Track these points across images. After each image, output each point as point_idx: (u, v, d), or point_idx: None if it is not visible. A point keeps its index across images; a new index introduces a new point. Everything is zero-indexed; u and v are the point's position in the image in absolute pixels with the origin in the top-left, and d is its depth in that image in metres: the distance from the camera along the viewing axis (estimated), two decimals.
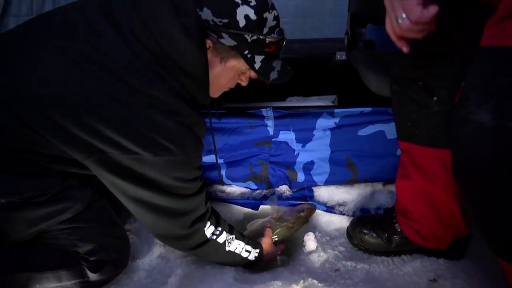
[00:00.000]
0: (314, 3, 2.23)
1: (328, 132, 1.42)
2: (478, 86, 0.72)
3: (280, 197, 1.45)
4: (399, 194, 1.18)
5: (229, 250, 1.10)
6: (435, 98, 1.01)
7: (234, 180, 1.49)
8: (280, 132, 1.41)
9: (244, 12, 0.93)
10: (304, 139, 1.43)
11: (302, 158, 1.45)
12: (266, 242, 1.22)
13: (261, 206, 1.41)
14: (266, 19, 0.95)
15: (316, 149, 1.44)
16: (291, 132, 1.41)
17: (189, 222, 1.01)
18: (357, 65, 1.56)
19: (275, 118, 1.40)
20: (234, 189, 1.51)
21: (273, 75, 1.03)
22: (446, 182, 1.04)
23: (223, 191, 1.51)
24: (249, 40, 0.95)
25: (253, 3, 0.93)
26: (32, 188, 0.96)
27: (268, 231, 1.26)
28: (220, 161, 1.46)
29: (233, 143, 1.42)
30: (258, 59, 0.99)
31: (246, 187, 1.50)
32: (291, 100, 1.91)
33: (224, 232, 1.09)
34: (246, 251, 1.14)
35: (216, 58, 0.99)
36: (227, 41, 0.95)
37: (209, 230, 1.06)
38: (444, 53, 0.98)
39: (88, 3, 0.97)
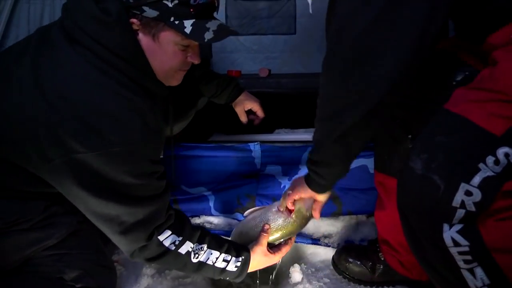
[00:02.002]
0: (303, 39, 2.35)
1: None
2: (422, 140, 0.84)
3: None
4: (378, 226, 1.23)
5: (198, 261, 1.04)
6: (410, 136, 1.09)
7: (222, 211, 1.53)
8: (267, 165, 1.47)
9: None
10: (290, 173, 1.48)
11: None
12: (258, 251, 1.13)
13: None
14: None
15: None
16: (278, 165, 1.46)
17: (148, 232, 0.97)
18: None
19: (263, 152, 1.46)
20: (222, 220, 1.53)
21: (208, 36, 0.97)
22: None
23: (211, 222, 1.53)
24: (171, 6, 0.92)
25: None
26: (14, 212, 0.98)
27: (263, 238, 1.14)
28: (208, 192, 1.50)
29: (221, 176, 1.47)
30: (188, 23, 0.95)
31: (233, 219, 1.53)
32: (279, 132, 1.98)
33: (188, 242, 1.03)
34: (224, 261, 1.07)
35: (148, 36, 0.96)
36: (149, 13, 0.92)
37: (168, 239, 1.00)
38: (423, 99, 1.07)
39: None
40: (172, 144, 1.40)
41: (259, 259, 1.13)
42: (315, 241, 1.44)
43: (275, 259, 1.17)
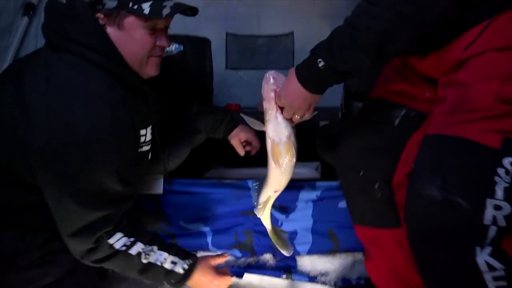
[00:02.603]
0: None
1: (310, 204, 1.49)
2: (428, 166, 0.85)
3: (264, 266, 1.49)
4: (370, 274, 1.23)
5: (148, 262, 1.05)
6: (377, 185, 1.11)
7: (220, 247, 1.53)
8: None
9: None
10: (287, 210, 1.50)
11: (286, 227, 1.50)
12: (204, 265, 1.16)
13: (245, 274, 1.44)
14: None
15: (299, 219, 1.50)
16: (276, 202, 1.48)
17: (96, 236, 0.99)
18: None
19: None
20: None
21: (166, 11, 1.02)
22: (407, 259, 1.08)
23: None
24: None
25: None
26: (13, 244, 1.02)
27: (212, 260, 1.19)
28: (207, 228, 1.51)
29: (219, 212, 1.49)
30: (146, 5, 1.00)
31: (231, 255, 1.54)
32: None
33: (139, 243, 1.05)
34: (172, 262, 1.09)
35: (114, 26, 1.03)
36: (110, 4, 1.00)
37: (118, 242, 1.02)
38: (378, 145, 1.11)
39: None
40: (167, 180, 1.43)
41: (204, 273, 1.15)
42: (312, 279, 1.44)
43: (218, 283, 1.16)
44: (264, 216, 1.24)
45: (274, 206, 1.39)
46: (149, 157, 1.22)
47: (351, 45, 0.84)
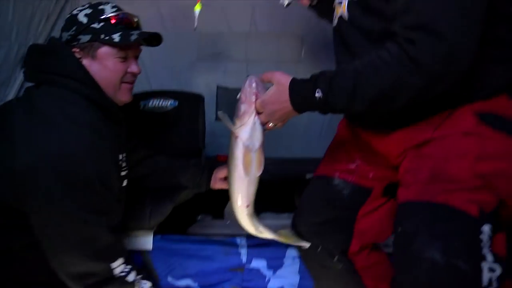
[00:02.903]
0: (286, 125, 2.49)
1: (297, 260, 1.53)
2: (426, 231, 0.90)
3: None
4: None
5: None
6: (336, 258, 1.19)
7: None
8: (253, 259, 1.52)
9: (83, 14, 1.19)
10: (275, 266, 1.53)
11: (273, 284, 1.53)
12: None
13: None
14: (103, 9, 1.20)
15: (287, 276, 1.53)
16: (263, 259, 1.51)
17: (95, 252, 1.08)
18: None
19: (248, 246, 1.52)
20: None
21: (133, 37, 1.19)
22: None
23: None
24: (98, 27, 1.17)
25: (86, 7, 1.22)
26: None
27: None
28: (195, 284, 1.52)
29: (207, 268, 1.51)
30: (116, 35, 1.17)
31: None
32: (263, 216, 2.04)
33: (134, 271, 1.16)
34: None
35: (89, 58, 1.18)
36: (84, 38, 1.17)
37: (119, 268, 1.12)
38: (332, 220, 1.19)
39: None
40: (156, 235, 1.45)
41: None
42: None
43: None
44: (263, 232, 1.23)
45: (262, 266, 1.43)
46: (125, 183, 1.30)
47: (353, 92, 0.91)
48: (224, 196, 1.36)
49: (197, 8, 1.60)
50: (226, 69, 2.46)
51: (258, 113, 1.07)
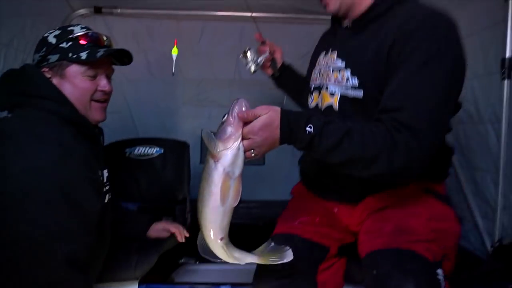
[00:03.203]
0: (271, 169, 2.54)
1: None
2: (398, 270, 1.04)
3: None
4: None
5: None
6: None
7: None
8: None
9: (52, 35, 1.21)
10: None
11: None
12: None
13: None
14: (72, 29, 1.22)
15: None
16: None
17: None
18: None
19: None
20: None
21: (99, 54, 1.18)
22: None
23: None
24: (66, 46, 1.19)
25: (56, 29, 1.23)
26: None
27: None
28: None
29: None
30: (83, 53, 1.18)
31: None
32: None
33: None
34: None
35: (58, 77, 1.18)
36: (53, 58, 1.18)
37: None
38: (292, 276, 1.23)
39: None
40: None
41: None
42: None
43: None
44: (241, 259, 1.09)
45: None
46: (107, 201, 1.28)
47: (339, 142, 0.98)
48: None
49: (174, 52, 1.72)
50: (211, 114, 2.54)
51: (243, 139, 0.99)
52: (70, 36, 1.20)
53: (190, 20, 2.47)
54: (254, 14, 2.17)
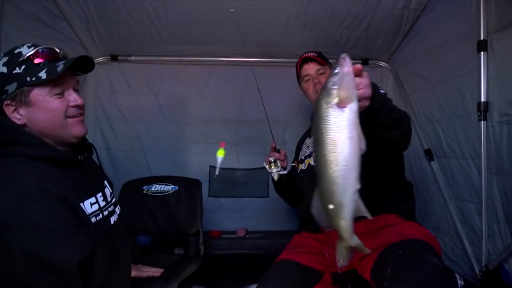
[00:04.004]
0: (274, 201, 2.69)
1: None
2: (424, 250, 1.27)
3: None
4: None
5: None
6: None
7: None
8: None
9: (0, 64, 1.10)
10: None
11: None
12: None
13: None
14: (20, 51, 1.10)
15: None
16: None
17: None
18: None
19: None
20: None
21: (59, 68, 1.08)
22: None
23: None
24: (21, 71, 1.08)
25: (2, 56, 1.11)
26: None
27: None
28: None
29: None
30: (42, 73, 1.08)
31: None
32: None
33: None
34: None
35: (23, 106, 1.08)
36: (11, 88, 1.07)
37: None
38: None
39: None
40: None
41: None
42: None
43: None
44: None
45: None
46: (114, 222, 1.23)
47: (393, 107, 1.25)
48: (218, 268, 1.48)
49: (220, 154, 1.73)
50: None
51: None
52: (21, 58, 1.08)
53: (197, 65, 2.70)
54: (252, 59, 2.41)
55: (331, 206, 0.98)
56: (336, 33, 2.41)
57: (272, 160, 1.74)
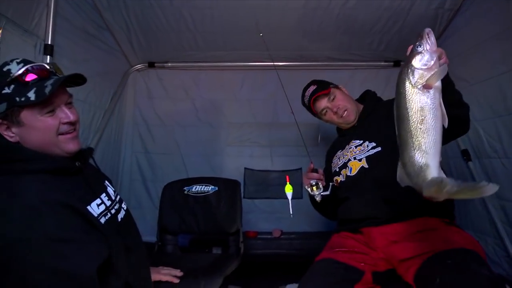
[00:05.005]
0: (309, 203, 2.71)
1: None
2: (473, 260, 1.24)
3: None
4: None
5: None
6: None
7: None
8: None
9: None
10: None
11: None
12: None
13: None
14: (8, 69, 1.07)
15: None
16: None
17: None
18: None
19: None
20: None
21: (48, 89, 1.05)
22: None
23: None
24: (10, 91, 1.05)
25: None
26: None
27: None
28: None
29: None
30: (31, 93, 1.05)
31: None
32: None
33: None
34: None
35: (15, 126, 1.07)
36: (1, 108, 1.05)
37: None
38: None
39: None
40: None
41: None
42: None
43: None
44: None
45: None
46: (121, 219, 1.24)
47: (453, 83, 1.27)
48: (252, 269, 1.48)
49: (288, 190, 1.65)
50: (253, 154, 2.80)
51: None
52: (9, 78, 1.06)
53: (232, 70, 2.78)
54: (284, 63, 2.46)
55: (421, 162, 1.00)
56: (368, 36, 2.44)
57: (314, 183, 1.71)
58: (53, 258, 0.97)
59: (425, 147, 1.00)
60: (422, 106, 1.00)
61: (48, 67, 1.13)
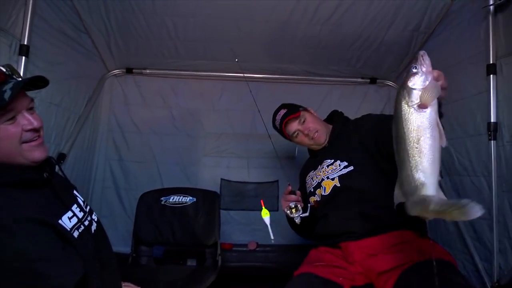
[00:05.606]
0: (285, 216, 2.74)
1: None
2: (448, 271, 1.31)
3: None
4: None
5: None
6: None
7: None
8: None
9: None
10: None
11: None
12: None
13: None
14: None
15: None
16: None
17: None
18: None
19: None
20: None
21: (7, 95, 0.98)
22: None
23: None
24: None
25: None
26: None
27: None
28: None
29: None
30: None
31: None
32: None
33: None
34: None
35: None
36: None
37: None
38: None
39: None
40: None
41: None
42: None
43: None
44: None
45: None
46: (94, 230, 1.18)
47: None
48: (227, 281, 1.45)
49: (265, 214, 1.67)
50: (230, 165, 2.78)
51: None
52: None
53: (211, 80, 2.77)
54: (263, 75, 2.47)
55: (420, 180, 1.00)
56: (347, 52, 2.51)
57: (293, 205, 1.73)
58: (33, 279, 0.92)
59: (421, 166, 1.01)
60: (418, 125, 1.02)
61: (4, 69, 1.05)
